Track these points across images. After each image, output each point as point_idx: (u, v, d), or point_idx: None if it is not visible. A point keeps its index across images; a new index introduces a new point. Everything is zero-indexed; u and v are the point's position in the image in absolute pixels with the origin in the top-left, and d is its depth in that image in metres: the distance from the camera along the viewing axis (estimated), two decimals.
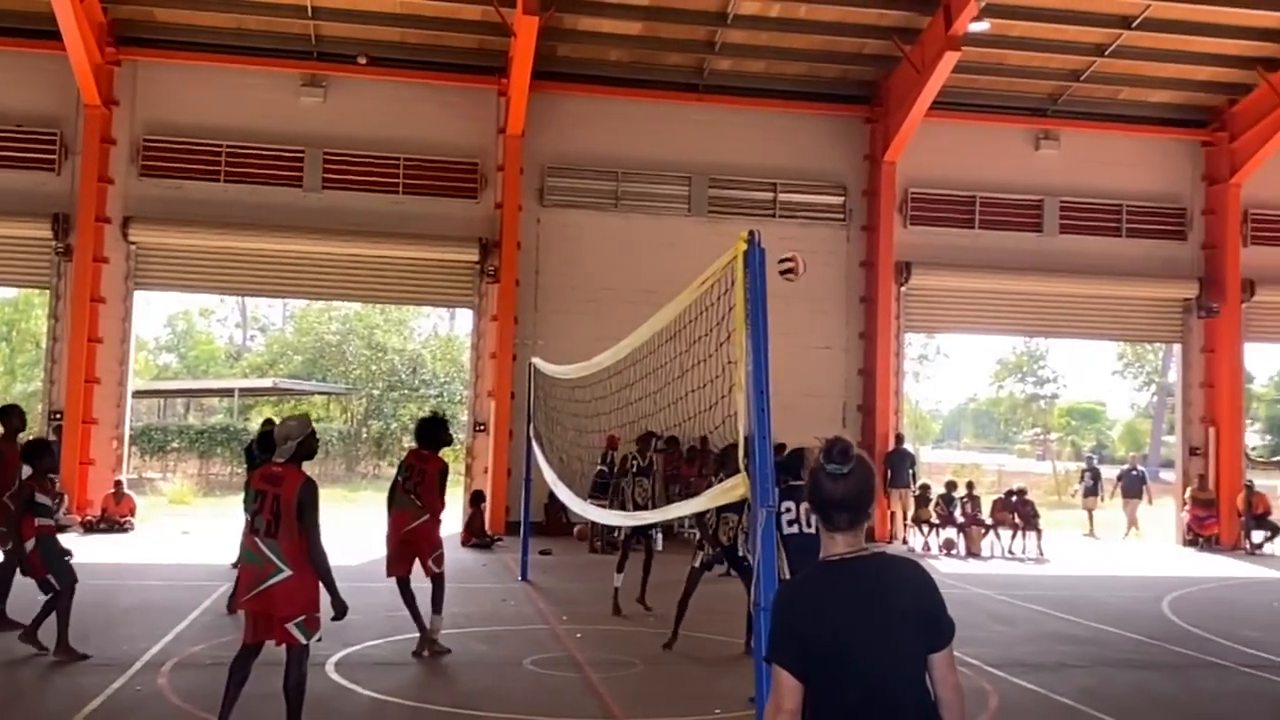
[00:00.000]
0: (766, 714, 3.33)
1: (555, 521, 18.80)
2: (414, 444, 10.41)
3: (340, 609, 6.63)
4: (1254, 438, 41.84)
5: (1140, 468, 25.83)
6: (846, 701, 3.20)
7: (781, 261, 6.20)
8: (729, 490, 5.87)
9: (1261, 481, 22.89)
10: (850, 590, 3.26)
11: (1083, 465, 27.69)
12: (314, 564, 6.49)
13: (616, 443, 16.46)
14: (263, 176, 19.78)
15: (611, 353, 9.55)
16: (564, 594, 13.11)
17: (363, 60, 19.92)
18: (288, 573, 6.48)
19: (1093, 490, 24.96)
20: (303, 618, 6.50)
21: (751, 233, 5.52)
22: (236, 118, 19.75)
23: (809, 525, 7.83)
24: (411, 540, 9.78)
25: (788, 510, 7.89)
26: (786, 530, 8.01)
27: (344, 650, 9.53)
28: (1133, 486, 24.28)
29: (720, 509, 9.21)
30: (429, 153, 20.18)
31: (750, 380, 5.34)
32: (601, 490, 15.77)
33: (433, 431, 10.07)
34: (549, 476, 13.45)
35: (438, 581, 9.77)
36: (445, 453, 10.36)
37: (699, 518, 9.50)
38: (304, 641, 6.54)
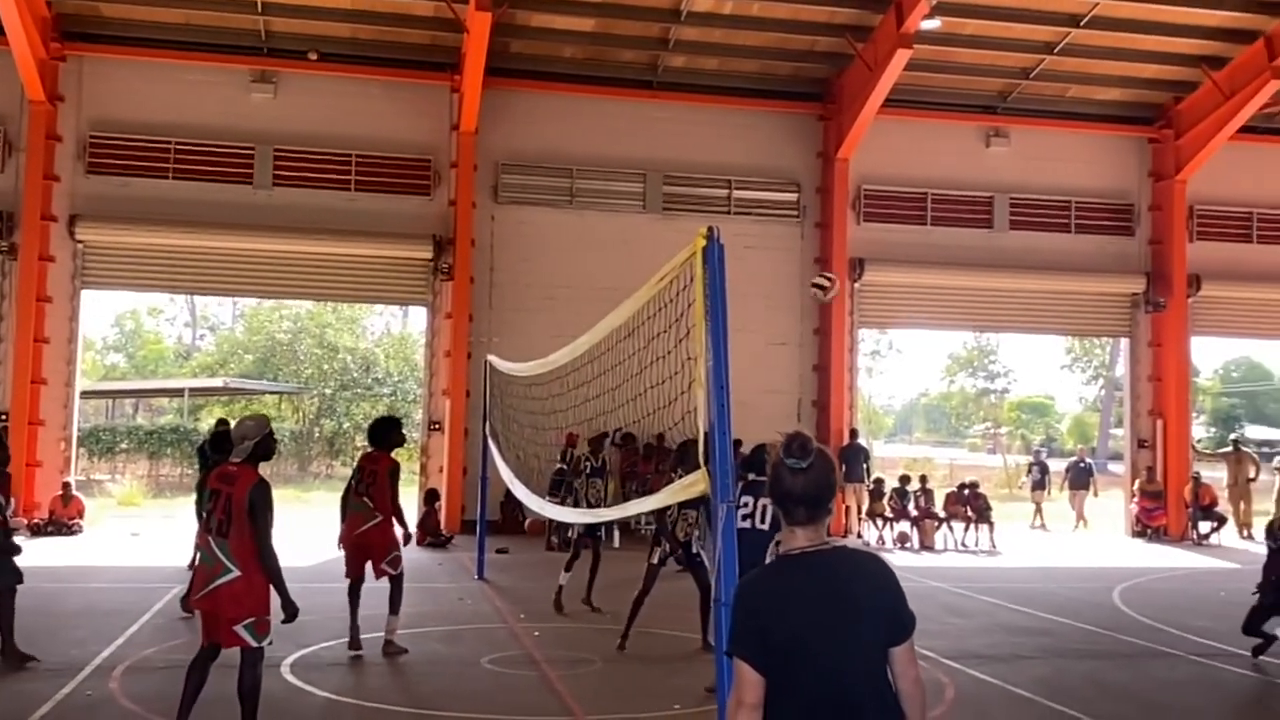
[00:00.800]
0: (728, 707, 3.33)
1: (511, 520, 18.74)
2: (367, 445, 10.31)
3: (290, 611, 6.54)
4: (1199, 430, 42.50)
5: (1088, 460, 26.20)
6: (807, 694, 3.21)
7: (823, 277, 6.24)
8: (689, 486, 5.87)
9: (1207, 473, 23.27)
10: (810, 584, 3.27)
11: (1030, 459, 28.02)
12: (263, 565, 6.40)
13: (575, 440, 16.42)
14: (212, 174, 19.53)
15: (569, 349, 9.53)
16: (521, 592, 13.06)
17: (313, 56, 19.72)
18: (236, 573, 6.39)
19: (1040, 483, 25.30)
20: (251, 620, 6.40)
21: (711, 228, 5.53)
22: (185, 114, 19.48)
23: (762, 521, 7.93)
24: (364, 544, 9.66)
25: (744, 505, 7.92)
26: (740, 524, 8.05)
27: (299, 651, 9.44)
28: (1080, 479, 24.64)
29: (681, 505, 9.21)
30: (381, 149, 20.02)
31: (710, 376, 5.35)
32: (559, 488, 15.75)
33: (384, 431, 9.94)
34: (505, 475, 13.40)
35: (395, 583, 9.65)
36: (399, 451, 10.27)
37: (659, 514, 9.47)
38: (254, 644, 6.44)
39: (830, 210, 21.22)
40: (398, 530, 9.81)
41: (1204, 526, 21.50)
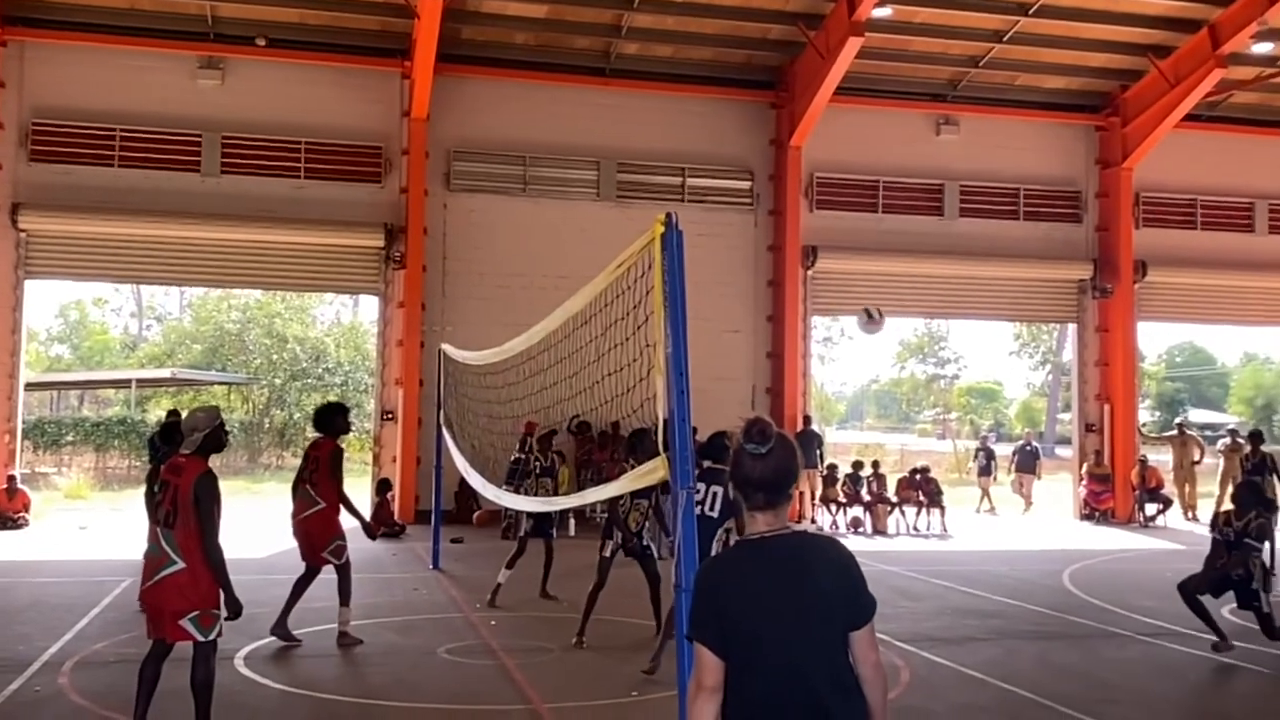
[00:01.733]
0: (689, 691, 3.35)
1: (466, 509, 18.66)
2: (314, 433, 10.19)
3: (233, 607, 6.40)
4: (1144, 414, 43.18)
5: (1034, 444, 26.57)
6: (766, 678, 3.22)
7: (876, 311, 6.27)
8: (649, 473, 5.87)
9: (1153, 457, 23.67)
10: (769, 568, 3.28)
11: (977, 444, 28.33)
12: (207, 558, 6.28)
13: (534, 429, 16.41)
14: (159, 161, 19.22)
15: (525, 338, 9.49)
16: (477, 581, 12.99)
17: (261, 42, 19.45)
18: (180, 565, 6.29)
19: (986, 469, 25.62)
20: (196, 613, 6.29)
21: (669, 215, 5.52)
22: (130, 101, 19.15)
23: (712, 509, 8.03)
24: (305, 531, 9.55)
25: (697, 492, 7.96)
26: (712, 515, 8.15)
27: (252, 644, 9.36)
28: (1026, 463, 24.99)
29: (633, 495, 9.21)
30: (331, 137, 19.81)
31: (670, 363, 5.35)
32: (514, 476, 15.68)
33: (329, 417, 9.79)
34: (460, 464, 13.34)
35: (341, 573, 9.53)
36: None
37: (611, 504, 9.43)
38: (200, 638, 6.35)
39: (783, 198, 21.29)
40: (353, 519, 9.69)
41: (1150, 509, 21.87)
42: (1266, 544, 9.53)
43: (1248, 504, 9.42)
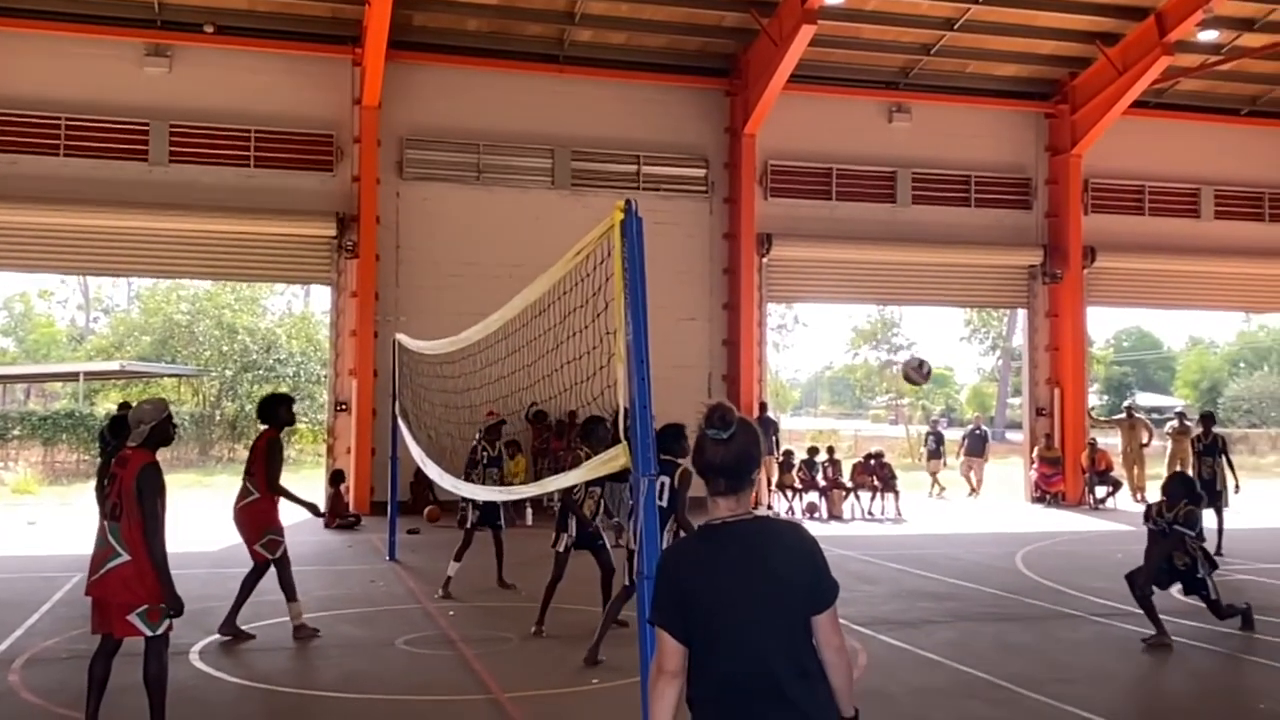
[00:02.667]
0: (650, 675, 3.37)
1: (422, 500, 18.57)
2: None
3: (172, 604, 6.25)
4: (1093, 398, 43.80)
5: (983, 428, 26.89)
6: (727, 662, 3.23)
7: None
8: (609, 461, 5.86)
9: (1102, 440, 24.01)
10: (730, 553, 3.28)
11: (927, 430, 28.60)
12: (148, 551, 6.17)
13: (504, 421, 16.37)
14: (105, 150, 18.90)
15: (481, 326, 9.42)
16: (434, 572, 12.90)
17: (209, 29, 19.17)
18: (125, 558, 6.19)
19: (936, 453, 25.89)
20: (144, 608, 6.19)
21: (628, 201, 5.50)
22: (76, 89, 18.81)
23: (661, 498, 8.05)
24: (239, 522, 9.42)
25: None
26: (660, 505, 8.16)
27: (208, 638, 9.26)
28: (975, 447, 25.28)
29: (588, 483, 9.18)
30: (282, 125, 19.58)
31: (630, 350, 5.34)
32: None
33: (270, 408, 9.60)
34: (417, 454, 13.25)
35: (279, 567, 9.36)
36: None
37: (565, 493, 9.38)
38: (148, 633, 6.25)
39: (738, 186, 21.33)
40: (305, 511, 9.55)
41: (1100, 491, 22.20)
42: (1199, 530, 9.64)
43: (1177, 495, 9.56)
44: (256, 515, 9.36)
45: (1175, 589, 9.75)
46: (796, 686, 3.22)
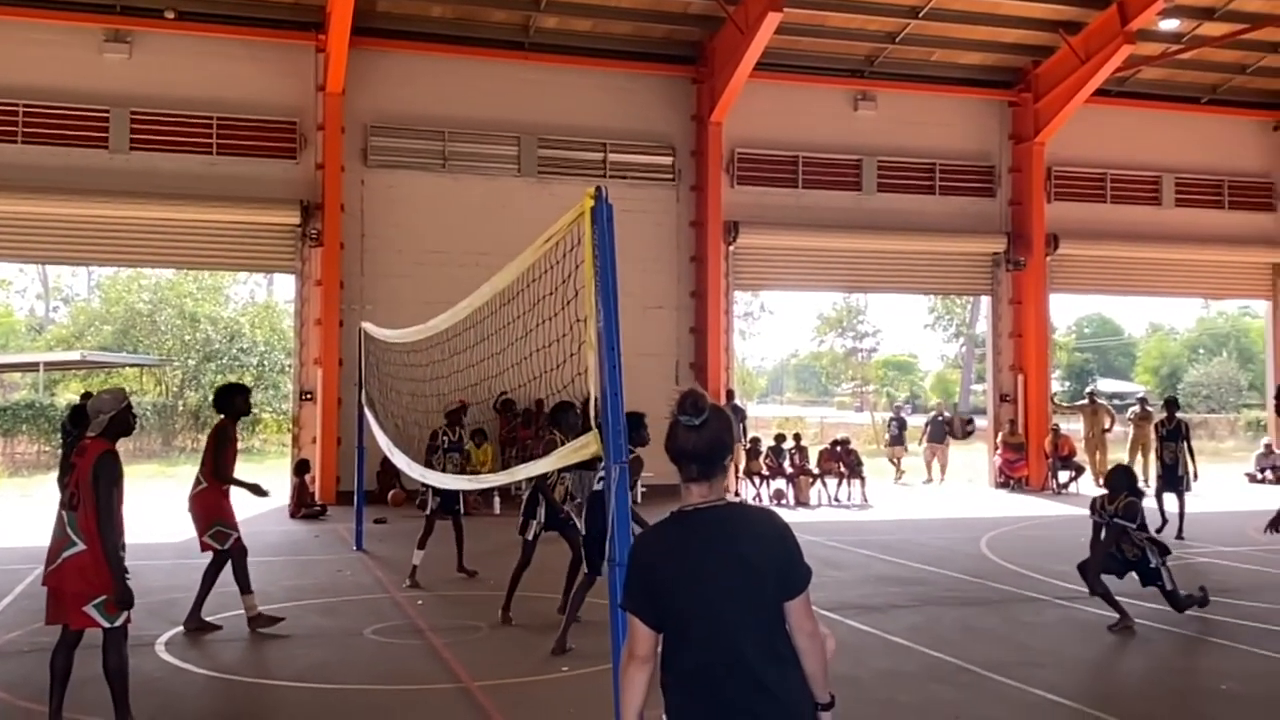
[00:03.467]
0: (621, 660, 3.40)
1: (389, 489, 18.50)
2: None
3: (120, 596, 6.14)
4: (1055, 384, 44.26)
5: (945, 414, 27.08)
6: (700, 648, 3.25)
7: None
8: (580, 449, 5.86)
9: (1065, 425, 24.26)
10: (701, 540, 3.30)
11: (890, 416, 28.76)
12: (100, 540, 6.10)
13: (466, 407, 16.32)
14: (65, 138, 18.64)
15: (449, 314, 9.37)
16: (402, 562, 12.84)
17: (170, 14, 18.91)
18: (81, 547, 6.13)
19: (898, 439, 26.06)
20: (101, 599, 6.13)
21: (598, 188, 5.49)
22: (34, 75, 18.52)
23: None
24: (190, 512, 9.31)
25: (603, 470, 8.01)
26: (595, 487, 8.20)
27: (173, 629, 9.20)
28: (938, 433, 25.47)
29: (560, 470, 9.17)
30: (244, 112, 19.37)
31: (601, 337, 5.33)
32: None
33: (226, 397, 9.50)
34: (384, 443, 13.19)
35: (232, 559, 9.20)
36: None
37: (540, 478, 9.38)
38: (105, 625, 6.18)
39: (704, 174, 21.33)
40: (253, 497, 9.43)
41: (1063, 476, 22.43)
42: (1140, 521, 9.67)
43: (1119, 487, 9.63)
44: (205, 505, 9.24)
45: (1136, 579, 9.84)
46: (770, 672, 3.25)
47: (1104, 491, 9.84)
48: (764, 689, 3.23)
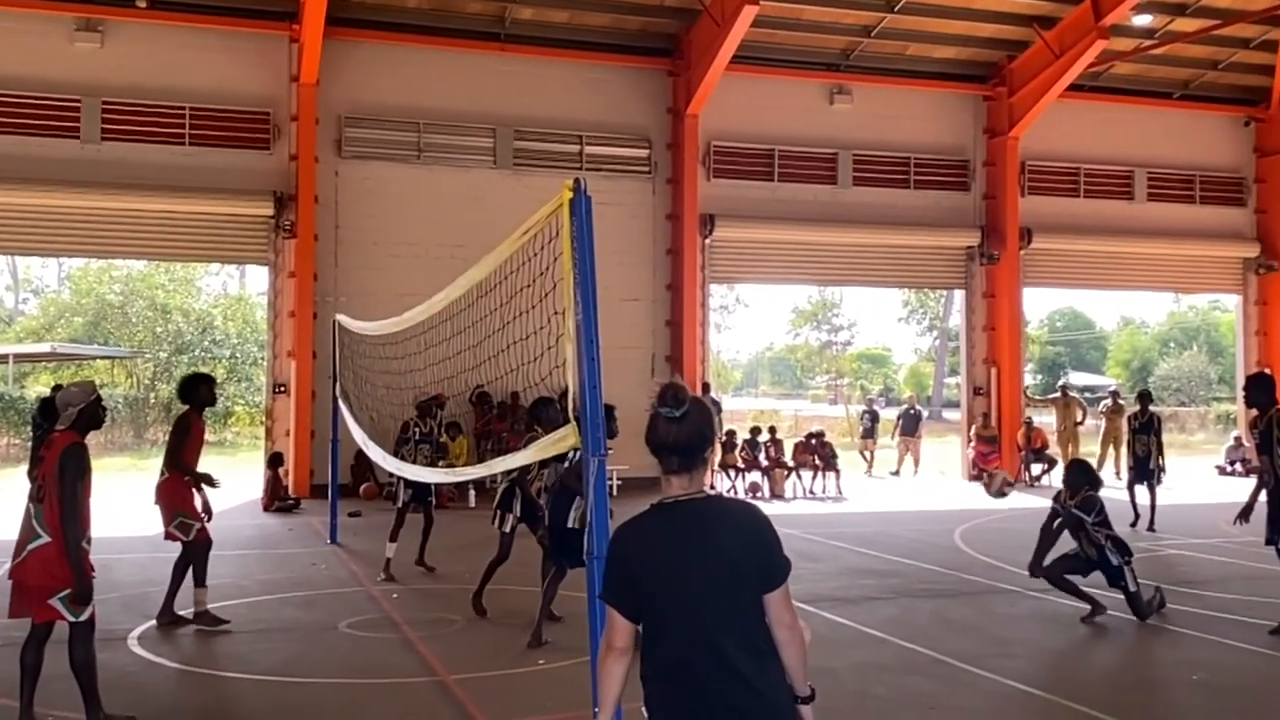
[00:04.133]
0: (599, 652, 3.42)
1: (363, 482, 18.42)
2: None
3: (79, 590, 6.07)
4: (1027, 377, 44.57)
5: (917, 407, 27.21)
6: (678, 640, 3.26)
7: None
8: (558, 441, 5.85)
9: (1038, 418, 24.41)
10: (680, 532, 3.31)
11: (863, 409, 28.85)
12: (62, 531, 6.05)
13: (443, 400, 16.29)
14: (35, 127, 18.42)
15: (425, 306, 9.33)
16: (376, 555, 12.78)
17: (142, 3, 18.69)
18: (46, 540, 6.09)
19: (870, 432, 26.15)
20: (66, 592, 6.08)
21: (577, 180, 5.48)
22: (4, 64, 18.28)
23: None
24: (156, 502, 9.23)
25: (567, 463, 8.05)
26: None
27: (146, 623, 9.15)
28: (910, 426, 25.58)
29: (540, 463, 9.15)
30: (217, 102, 19.20)
31: (580, 329, 5.32)
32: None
33: (190, 388, 9.37)
34: (358, 436, 13.13)
35: (191, 552, 9.10)
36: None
37: (521, 473, 9.33)
38: (70, 619, 6.13)
39: (680, 166, 21.31)
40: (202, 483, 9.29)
41: (1036, 469, 22.57)
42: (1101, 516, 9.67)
43: (1078, 483, 9.68)
44: (168, 495, 9.16)
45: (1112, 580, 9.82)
46: (748, 664, 3.26)
47: (1063, 490, 9.84)
48: (743, 681, 3.24)
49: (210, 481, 9.27)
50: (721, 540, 3.31)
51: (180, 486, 9.17)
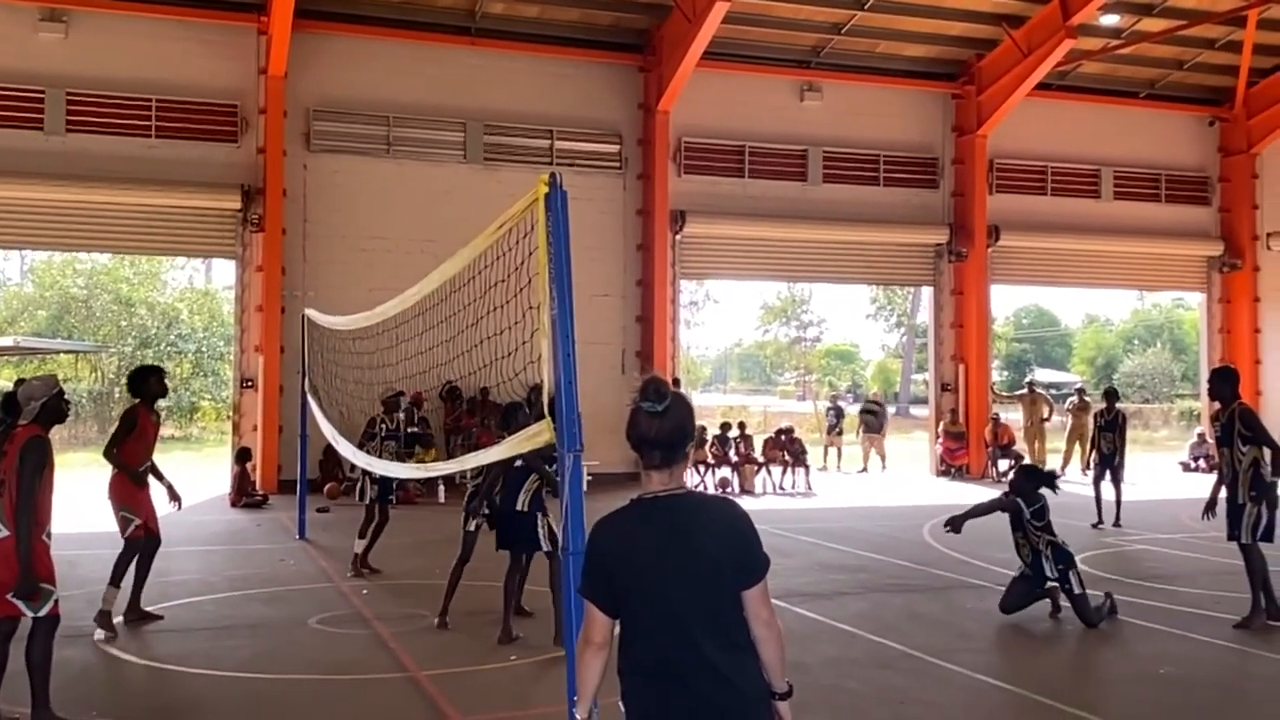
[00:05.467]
0: (577, 646, 3.43)
1: (331, 478, 18.29)
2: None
3: (24, 584, 5.99)
4: (994, 374, 44.91)
5: (881, 403, 27.31)
6: (655, 636, 3.28)
7: None
8: (533, 437, 5.83)
9: (1005, 415, 24.59)
10: (659, 527, 3.32)
11: (828, 405, 28.96)
12: (14, 519, 5.99)
13: (421, 399, 16.26)
14: None
15: (397, 301, 9.27)
16: (346, 551, 12.68)
17: None
18: (5, 533, 6.04)
19: (835, 428, 26.24)
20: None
21: (553, 175, 5.47)
22: None
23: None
24: (109, 497, 9.09)
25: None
26: (518, 463, 8.21)
27: (113, 619, 9.01)
28: (874, 422, 25.69)
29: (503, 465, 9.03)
30: (184, 94, 19.01)
31: (555, 325, 5.31)
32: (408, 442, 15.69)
33: (140, 381, 9.25)
34: (328, 431, 13.04)
35: (126, 546, 8.93)
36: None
37: (488, 470, 9.25)
38: (29, 614, 6.07)
39: (651, 162, 21.31)
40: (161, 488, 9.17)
41: (1003, 464, 22.70)
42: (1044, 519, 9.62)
43: (1026, 490, 9.66)
44: (114, 489, 9.01)
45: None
46: (725, 659, 3.27)
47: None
48: (720, 676, 3.26)
49: (139, 480, 9.06)
50: (701, 536, 3.32)
51: (124, 481, 9.00)
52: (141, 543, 9.03)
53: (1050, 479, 9.89)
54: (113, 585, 8.83)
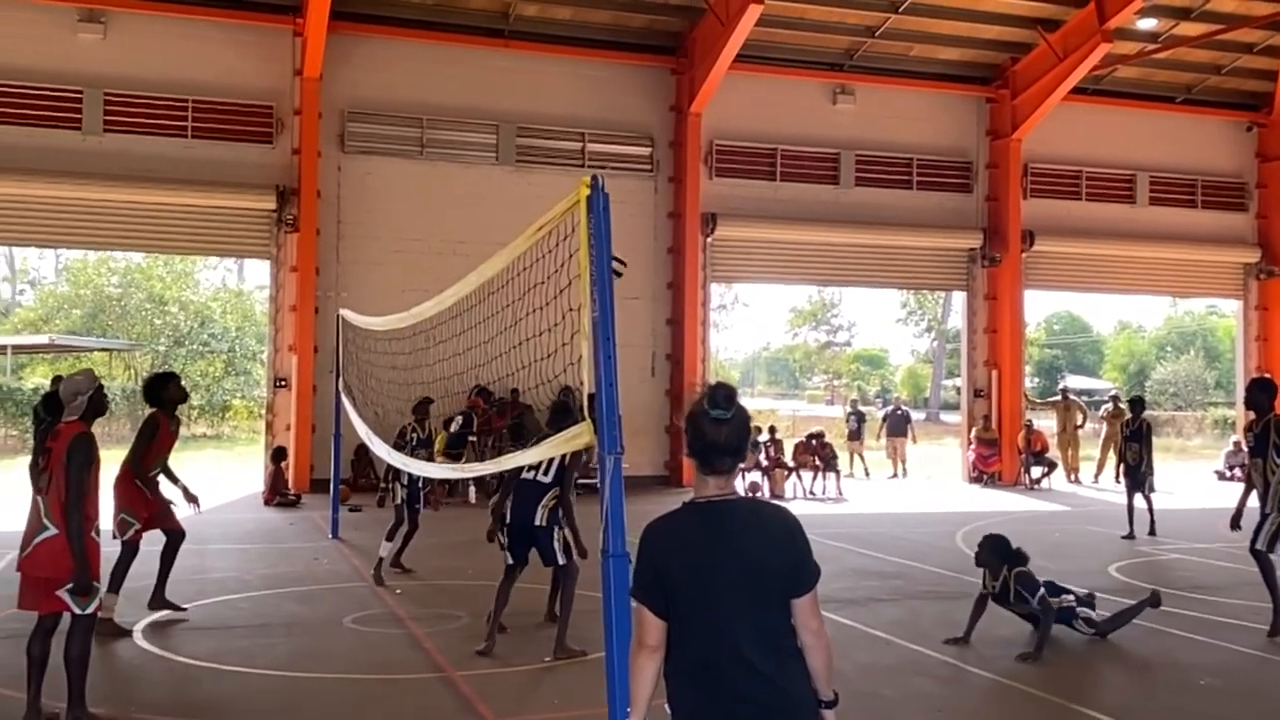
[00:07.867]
0: (630, 649, 3.41)
1: (364, 478, 18.40)
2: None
3: (80, 580, 6.02)
4: (1025, 380, 44.59)
5: (904, 408, 27.19)
6: (702, 640, 3.26)
7: None
8: (574, 438, 5.82)
9: (1038, 421, 24.40)
10: (711, 532, 3.31)
11: (848, 410, 28.82)
12: (65, 520, 6.02)
13: (479, 405, 16.32)
14: (37, 118, 18.37)
15: (435, 302, 9.29)
16: (378, 550, 12.81)
17: None
18: (53, 532, 6.07)
19: (856, 434, 26.11)
20: (73, 584, 6.05)
21: (594, 177, 5.47)
22: (7, 55, 18.27)
23: (545, 474, 8.02)
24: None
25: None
26: (525, 475, 8.07)
27: (152, 616, 9.10)
28: (897, 427, 25.56)
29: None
30: (221, 95, 19.16)
31: (596, 327, 5.30)
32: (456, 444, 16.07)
33: (156, 388, 9.21)
34: (362, 431, 13.08)
35: (123, 550, 8.88)
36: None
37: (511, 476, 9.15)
38: (76, 611, 6.10)
39: (683, 165, 21.29)
40: (176, 493, 9.18)
41: (1036, 471, 22.55)
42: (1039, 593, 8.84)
43: (991, 562, 9.03)
44: (117, 493, 8.97)
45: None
46: (772, 666, 3.26)
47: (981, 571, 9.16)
48: (766, 679, 3.25)
49: (148, 484, 9.05)
50: (752, 542, 3.31)
51: (129, 485, 8.99)
52: (138, 547, 8.98)
53: (1018, 556, 9.11)
54: (111, 591, 8.66)
